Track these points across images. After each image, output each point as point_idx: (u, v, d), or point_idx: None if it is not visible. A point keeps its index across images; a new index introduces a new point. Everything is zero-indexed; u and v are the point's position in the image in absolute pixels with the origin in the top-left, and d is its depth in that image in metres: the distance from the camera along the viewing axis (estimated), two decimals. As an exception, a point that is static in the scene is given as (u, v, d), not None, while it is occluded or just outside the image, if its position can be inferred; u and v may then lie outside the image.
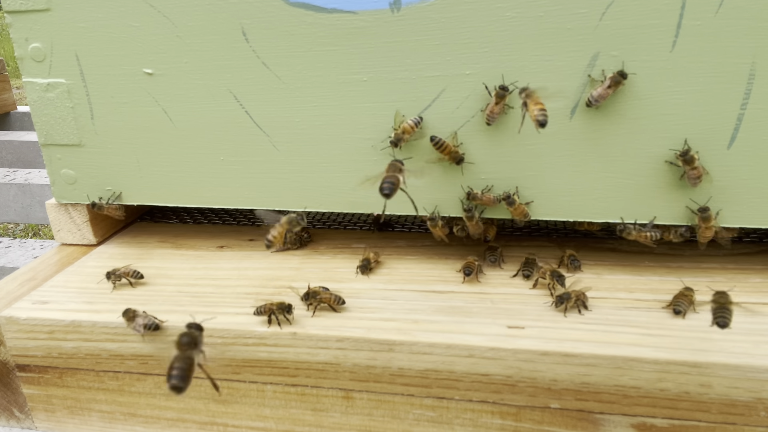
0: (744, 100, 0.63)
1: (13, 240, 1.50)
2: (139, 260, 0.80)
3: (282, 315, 0.62)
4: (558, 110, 0.66)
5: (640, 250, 0.77)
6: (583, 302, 0.63)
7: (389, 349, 0.59)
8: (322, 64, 0.70)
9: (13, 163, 1.83)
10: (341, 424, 0.64)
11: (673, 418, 0.56)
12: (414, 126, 0.68)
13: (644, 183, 0.68)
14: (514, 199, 0.69)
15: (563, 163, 0.69)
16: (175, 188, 0.80)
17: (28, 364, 0.68)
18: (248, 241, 0.86)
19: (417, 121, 0.68)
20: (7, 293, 0.71)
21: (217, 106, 0.74)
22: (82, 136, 0.79)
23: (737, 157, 0.65)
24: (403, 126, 0.68)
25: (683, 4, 0.61)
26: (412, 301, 0.67)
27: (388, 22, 0.67)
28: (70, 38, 0.74)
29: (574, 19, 0.63)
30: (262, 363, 0.63)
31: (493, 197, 0.69)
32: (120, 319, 0.64)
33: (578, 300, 0.62)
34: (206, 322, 0.58)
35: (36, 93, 0.77)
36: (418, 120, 0.68)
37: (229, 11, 0.70)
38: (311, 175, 0.75)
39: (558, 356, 0.56)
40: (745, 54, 0.61)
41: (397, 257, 0.78)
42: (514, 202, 0.68)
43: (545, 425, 0.59)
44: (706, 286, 0.64)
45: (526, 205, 0.69)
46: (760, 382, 0.53)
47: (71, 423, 0.71)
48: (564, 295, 0.62)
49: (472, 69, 0.67)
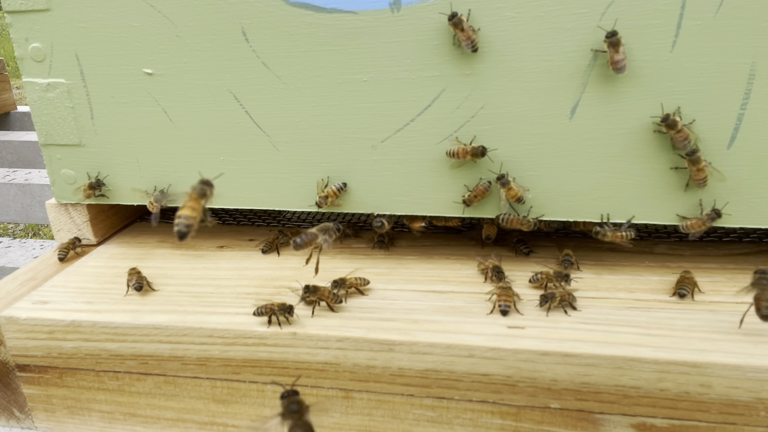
0: (744, 100, 0.63)
1: (13, 240, 1.50)
2: (139, 260, 0.80)
3: (283, 316, 0.62)
4: (558, 110, 0.66)
5: (640, 250, 0.77)
6: (570, 303, 0.63)
7: (389, 349, 0.59)
8: (322, 64, 0.70)
9: (13, 163, 1.83)
10: (341, 424, 0.64)
11: (673, 418, 0.56)
12: (338, 191, 0.73)
13: (644, 183, 0.68)
14: (508, 179, 0.68)
15: (563, 163, 0.68)
16: (175, 188, 0.80)
17: (28, 364, 0.68)
18: (248, 241, 0.86)
19: (340, 187, 0.73)
20: (7, 293, 0.71)
21: (217, 106, 0.74)
22: (82, 136, 0.79)
23: (737, 157, 0.65)
24: (327, 191, 0.74)
25: (683, 4, 0.61)
26: (412, 301, 0.67)
27: (388, 22, 0.67)
28: (70, 38, 0.74)
29: (574, 19, 0.63)
30: (262, 363, 0.63)
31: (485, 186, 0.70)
32: (120, 319, 0.64)
33: (563, 300, 0.62)
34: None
35: (36, 93, 0.77)
36: (342, 186, 0.73)
37: (229, 11, 0.70)
38: (311, 175, 0.75)
39: (558, 356, 0.56)
40: (745, 54, 0.61)
41: (397, 257, 0.78)
42: (507, 183, 0.68)
43: (545, 425, 0.59)
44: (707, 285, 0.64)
45: (520, 189, 0.69)
46: (760, 382, 0.53)
47: (71, 423, 0.71)
48: (549, 294, 0.62)
49: (472, 69, 0.67)
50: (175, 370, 0.65)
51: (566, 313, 0.62)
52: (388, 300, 0.67)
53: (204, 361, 0.64)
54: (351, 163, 0.74)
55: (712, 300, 0.64)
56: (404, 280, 0.72)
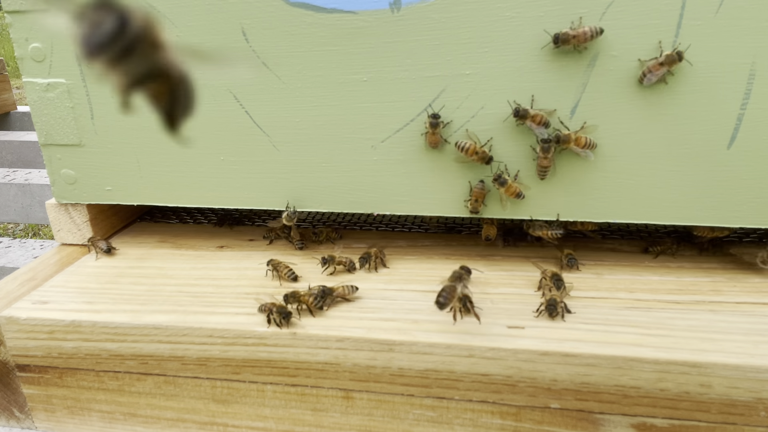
0: (744, 100, 0.63)
1: (13, 240, 1.50)
2: (139, 260, 0.80)
3: (281, 318, 0.61)
4: (558, 111, 0.66)
5: (640, 250, 0.77)
6: (566, 308, 0.62)
7: (389, 349, 0.59)
8: (322, 64, 0.70)
9: (13, 163, 1.83)
10: (341, 424, 0.64)
11: (673, 418, 0.56)
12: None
13: (644, 183, 0.68)
14: (505, 178, 0.68)
15: (563, 163, 0.68)
16: (175, 188, 0.80)
17: (28, 364, 0.68)
18: (248, 241, 0.86)
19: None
20: (7, 293, 0.71)
21: (217, 106, 0.74)
22: (82, 136, 0.79)
23: (737, 157, 0.65)
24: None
25: (683, 4, 0.61)
26: (412, 301, 0.67)
27: (388, 22, 0.67)
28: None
29: (574, 19, 0.63)
30: (262, 363, 0.63)
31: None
32: (120, 319, 0.64)
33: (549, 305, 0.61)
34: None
35: (36, 93, 0.77)
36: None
37: (229, 11, 0.70)
38: (311, 175, 0.75)
39: (558, 356, 0.56)
40: (745, 54, 0.61)
41: (397, 257, 0.78)
42: (505, 182, 0.68)
43: (545, 425, 0.59)
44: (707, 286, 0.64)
45: (519, 185, 0.69)
46: (760, 382, 0.53)
47: (71, 423, 0.71)
48: (551, 302, 0.61)
49: (472, 69, 0.67)
50: (175, 370, 0.65)
51: (563, 320, 0.61)
52: (388, 300, 0.67)
53: (204, 361, 0.64)
54: (351, 163, 0.74)
55: (712, 300, 0.64)
56: (404, 280, 0.72)
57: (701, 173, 0.66)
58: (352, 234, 0.87)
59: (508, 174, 0.69)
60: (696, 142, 0.65)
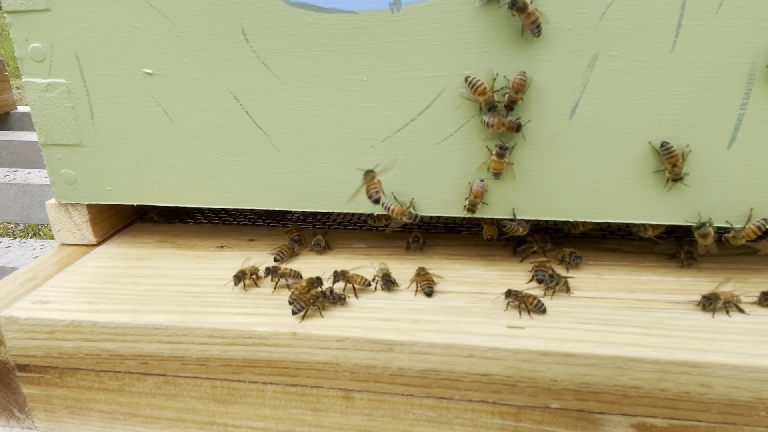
0: (744, 100, 0.63)
1: (13, 240, 1.50)
2: (139, 260, 0.80)
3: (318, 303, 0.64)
4: (558, 110, 0.66)
5: (640, 250, 0.77)
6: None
7: (389, 349, 0.59)
8: (322, 64, 0.70)
9: (13, 163, 1.83)
10: (341, 424, 0.64)
11: (673, 418, 0.56)
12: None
13: (644, 183, 0.68)
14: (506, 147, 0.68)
15: (563, 163, 0.69)
16: (175, 188, 0.80)
17: (28, 364, 0.69)
18: (248, 241, 0.86)
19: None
20: (7, 293, 0.71)
21: (217, 106, 0.74)
22: (82, 136, 0.79)
23: (737, 157, 0.65)
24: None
25: (683, 4, 0.61)
26: (412, 301, 0.67)
27: (388, 22, 0.67)
28: (70, 38, 0.74)
29: (574, 19, 0.63)
30: (262, 363, 0.63)
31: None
32: (120, 319, 0.64)
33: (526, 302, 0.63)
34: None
35: (36, 93, 0.77)
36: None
37: (229, 11, 0.70)
38: (311, 175, 0.75)
39: (558, 356, 0.56)
40: (745, 54, 0.61)
41: (398, 257, 0.78)
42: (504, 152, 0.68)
43: (545, 425, 0.59)
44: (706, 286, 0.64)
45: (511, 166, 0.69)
46: (760, 382, 0.53)
47: (71, 423, 0.71)
48: (551, 276, 0.65)
49: (472, 69, 0.67)
50: (175, 370, 0.65)
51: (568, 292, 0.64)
52: (388, 300, 0.67)
53: (204, 361, 0.64)
54: (351, 163, 0.74)
55: (712, 300, 0.64)
56: (404, 280, 0.72)
57: (701, 173, 0.66)
58: (353, 234, 0.87)
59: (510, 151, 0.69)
60: (696, 142, 0.65)
